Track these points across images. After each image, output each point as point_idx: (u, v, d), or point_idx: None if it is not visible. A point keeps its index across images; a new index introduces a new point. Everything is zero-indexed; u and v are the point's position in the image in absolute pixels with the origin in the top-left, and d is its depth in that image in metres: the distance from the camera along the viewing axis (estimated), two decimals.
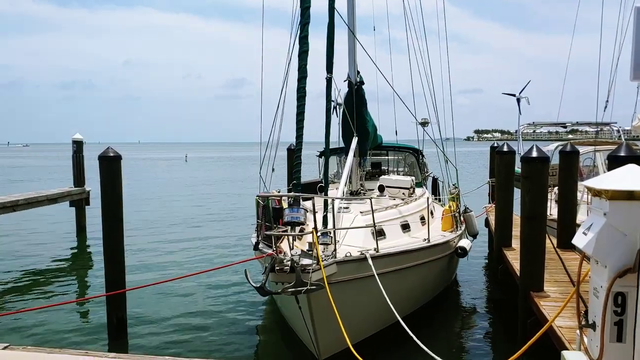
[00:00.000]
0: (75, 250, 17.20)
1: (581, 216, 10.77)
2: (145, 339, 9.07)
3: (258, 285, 6.53)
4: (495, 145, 16.99)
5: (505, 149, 11.66)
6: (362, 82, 11.46)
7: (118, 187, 8.71)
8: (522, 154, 8.39)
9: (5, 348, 5.43)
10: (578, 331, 4.25)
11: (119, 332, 8.85)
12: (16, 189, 29.65)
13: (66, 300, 11.17)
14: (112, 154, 8.78)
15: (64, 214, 20.33)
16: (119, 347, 8.53)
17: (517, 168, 12.48)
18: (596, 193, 3.77)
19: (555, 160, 12.26)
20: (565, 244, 10.38)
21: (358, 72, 11.54)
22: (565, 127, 20.64)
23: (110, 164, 8.70)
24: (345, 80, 11.39)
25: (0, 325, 9.64)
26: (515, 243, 10.41)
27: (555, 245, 10.45)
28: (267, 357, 8.73)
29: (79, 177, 19.12)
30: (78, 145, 19.06)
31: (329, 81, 9.24)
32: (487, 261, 14.72)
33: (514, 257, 9.78)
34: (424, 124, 13.63)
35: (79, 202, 19.13)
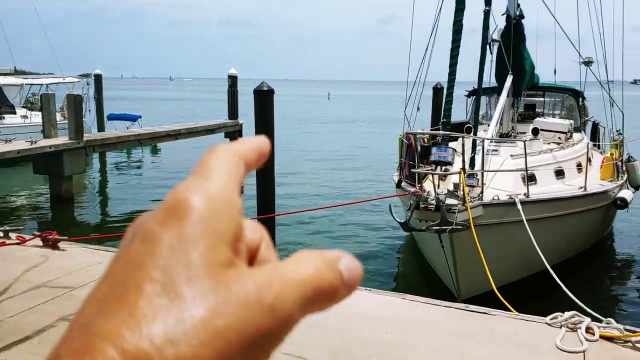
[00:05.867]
0: None
1: None
2: None
3: (402, 221, 6.60)
4: None
5: None
6: (521, 16, 10.70)
7: (270, 119, 9.13)
8: None
9: None
10: None
11: None
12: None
13: None
14: (266, 88, 9.17)
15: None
16: None
17: None
18: None
19: None
20: None
21: (518, 5, 10.76)
22: None
23: (265, 98, 9.11)
24: (503, 14, 10.70)
25: None
26: None
27: None
28: (406, 290, 8.89)
29: (233, 110, 20.29)
30: (233, 80, 20.12)
31: (486, 14, 8.74)
32: None
33: None
34: (588, 62, 12.45)
35: (233, 134, 20.38)
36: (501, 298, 5.76)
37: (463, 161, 6.95)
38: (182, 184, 0.30)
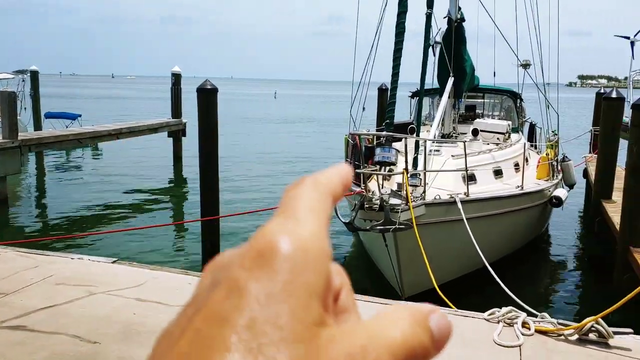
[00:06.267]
0: (172, 179, 18.19)
1: None
2: None
3: (347, 221, 6.65)
4: (602, 91, 15.89)
5: (614, 95, 10.88)
6: (462, 19, 10.97)
7: (214, 118, 9.00)
8: (632, 102, 7.84)
9: (114, 262, 5.93)
10: None
11: (212, 256, 9.32)
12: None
13: (165, 223, 11.92)
14: (209, 87, 9.04)
15: (163, 143, 21.40)
16: None
17: (625, 117, 11.67)
18: None
19: None
20: None
21: (459, 9, 11.03)
22: None
23: (208, 96, 8.98)
24: (445, 17, 10.95)
25: (107, 241, 10.48)
26: (617, 196, 9.85)
27: None
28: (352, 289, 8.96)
29: (176, 109, 19.91)
30: (176, 78, 19.73)
31: (428, 17, 8.91)
32: (583, 213, 14.09)
33: (614, 210, 9.29)
34: (525, 65, 12.91)
35: (176, 133, 20.00)
36: (442, 295, 5.90)
37: (406, 161, 7.07)
38: (270, 225, 0.27)
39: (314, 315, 0.26)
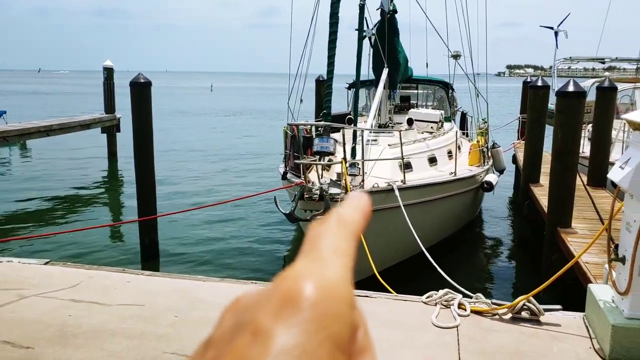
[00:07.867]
0: (107, 176, 17.62)
1: (614, 155, 10.58)
2: (176, 262, 9.41)
3: (287, 212, 6.67)
4: (529, 80, 16.55)
5: (539, 83, 11.36)
6: (395, 11, 11.15)
7: (148, 113, 8.79)
8: (556, 90, 8.22)
9: (46, 263, 5.71)
10: (606, 265, 4.28)
11: (151, 254, 9.17)
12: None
13: (101, 224, 11.54)
14: (142, 80, 8.82)
15: (96, 140, 20.65)
16: (151, 268, 8.85)
17: (551, 104, 12.20)
18: (637, 127, 3.68)
19: (591, 97, 11.94)
20: (596, 182, 10.25)
21: (391, 0, 11.20)
22: (603, 62, 20.00)
23: (141, 90, 8.75)
24: (378, 9, 11.09)
25: (40, 244, 10.06)
26: (544, 179, 10.33)
27: (585, 183, 10.34)
28: None
29: (109, 104, 19.28)
30: (109, 72, 19.08)
31: (361, 8, 9.00)
32: (513, 197, 14.69)
33: (541, 193, 9.74)
34: (456, 56, 13.28)
35: (110, 129, 19.37)
36: (382, 281, 6.01)
37: (344, 151, 7.15)
38: (295, 268, 0.27)
39: None
